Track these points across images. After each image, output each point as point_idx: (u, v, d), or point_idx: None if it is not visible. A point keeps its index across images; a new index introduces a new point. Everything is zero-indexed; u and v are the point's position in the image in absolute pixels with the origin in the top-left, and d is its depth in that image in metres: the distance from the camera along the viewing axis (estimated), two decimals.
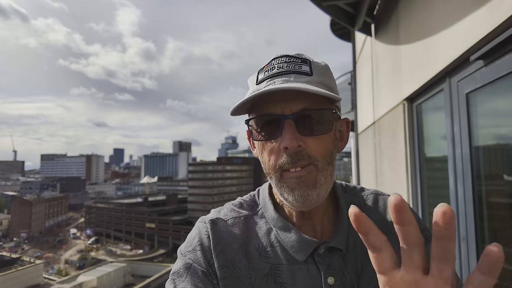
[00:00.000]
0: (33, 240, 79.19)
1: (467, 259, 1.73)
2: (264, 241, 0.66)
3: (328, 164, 0.60)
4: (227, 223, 0.68)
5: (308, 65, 0.61)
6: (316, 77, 0.60)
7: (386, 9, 3.21)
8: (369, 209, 0.73)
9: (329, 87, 0.61)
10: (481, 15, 1.43)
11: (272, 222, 0.67)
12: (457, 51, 1.66)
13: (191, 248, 0.65)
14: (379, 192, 0.77)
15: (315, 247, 0.63)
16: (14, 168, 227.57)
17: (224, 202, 0.76)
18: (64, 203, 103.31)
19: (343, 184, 0.78)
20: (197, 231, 0.67)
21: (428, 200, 2.51)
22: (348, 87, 7.88)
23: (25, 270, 36.76)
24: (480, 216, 1.67)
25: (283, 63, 0.61)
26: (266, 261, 0.63)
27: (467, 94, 1.71)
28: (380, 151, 3.75)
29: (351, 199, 0.74)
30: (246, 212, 0.71)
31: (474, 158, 1.70)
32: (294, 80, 0.58)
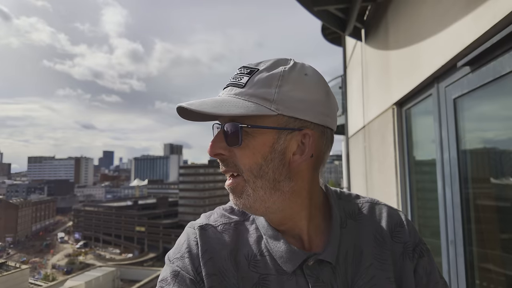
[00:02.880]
0: (19, 245, 77.45)
1: (455, 263, 1.75)
2: (254, 249, 0.64)
3: (255, 177, 0.59)
4: (217, 230, 0.66)
5: (250, 75, 0.60)
6: (247, 89, 0.59)
7: (375, 15, 3.26)
8: (364, 218, 0.71)
9: (264, 99, 0.58)
10: (467, 23, 1.46)
11: (262, 229, 0.66)
12: (445, 57, 1.69)
13: (179, 255, 0.64)
14: (375, 200, 0.75)
15: (304, 258, 0.61)
16: (0, 170, 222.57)
17: (216, 206, 0.75)
18: (52, 207, 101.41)
19: (337, 191, 0.76)
20: (185, 237, 0.66)
21: (417, 203, 2.54)
22: (339, 91, 7.96)
23: (11, 275, 35.86)
24: (468, 219, 1.70)
25: (236, 74, 0.63)
26: (255, 270, 0.62)
27: (455, 99, 1.74)
28: (370, 155, 3.78)
29: (345, 207, 0.72)
30: (237, 217, 0.69)
31: (462, 162, 1.73)
32: (227, 93, 0.61)
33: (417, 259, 0.68)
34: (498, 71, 1.33)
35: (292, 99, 0.59)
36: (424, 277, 0.67)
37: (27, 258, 63.44)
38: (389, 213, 0.72)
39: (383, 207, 0.73)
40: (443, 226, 1.89)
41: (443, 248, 1.89)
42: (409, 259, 0.67)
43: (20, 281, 36.31)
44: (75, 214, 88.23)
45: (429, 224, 2.38)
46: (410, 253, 0.68)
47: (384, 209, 0.73)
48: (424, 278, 0.67)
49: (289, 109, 0.58)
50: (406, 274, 0.66)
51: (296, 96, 0.59)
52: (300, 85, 0.60)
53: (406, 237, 0.69)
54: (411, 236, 0.70)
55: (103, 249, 72.45)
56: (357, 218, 0.71)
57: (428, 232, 2.40)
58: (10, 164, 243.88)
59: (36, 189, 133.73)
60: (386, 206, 0.74)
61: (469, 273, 1.67)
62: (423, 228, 2.48)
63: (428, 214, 2.41)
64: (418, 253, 0.68)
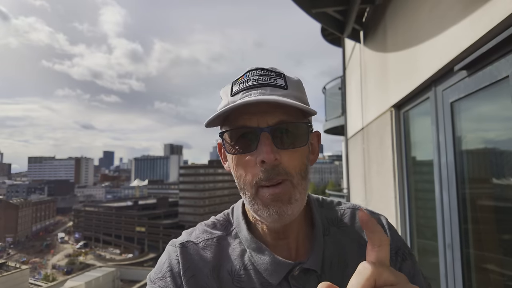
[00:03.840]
0: (19, 245, 77.47)
1: (452, 266, 1.75)
2: (237, 264, 0.63)
3: (302, 178, 0.59)
4: (198, 246, 0.65)
5: (283, 78, 0.61)
6: (291, 91, 0.60)
7: (374, 17, 3.26)
8: (346, 224, 0.71)
9: (303, 102, 0.61)
10: (464, 27, 1.46)
11: (245, 243, 0.65)
12: (442, 61, 1.69)
13: (161, 275, 0.63)
14: (356, 206, 0.75)
15: (289, 269, 0.61)
16: (0, 171, 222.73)
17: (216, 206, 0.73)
18: (52, 207, 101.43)
19: (319, 199, 0.77)
20: (167, 256, 0.65)
21: (415, 205, 2.54)
22: (338, 92, 7.96)
23: (11, 275, 35.86)
24: (465, 223, 1.69)
25: (258, 76, 0.60)
26: (239, 285, 0.61)
27: (452, 103, 1.74)
28: (369, 157, 3.78)
29: (327, 215, 0.72)
30: (220, 232, 0.68)
31: (459, 165, 1.73)
32: (270, 93, 0.58)
33: (400, 263, 0.68)
34: (494, 76, 1.33)
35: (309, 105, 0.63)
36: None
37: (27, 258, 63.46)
38: None
39: None
40: (440, 230, 1.89)
41: (440, 251, 1.89)
42: (392, 263, 0.66)
43: (20, 281, 36.31)
44: (75, 214, 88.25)
45: (427, 227, 2.37)
46: (393, 256, 0.68)
47: None
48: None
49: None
50: None
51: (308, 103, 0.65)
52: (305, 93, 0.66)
53: None
54: (393, 240, 0.70)
55: (103, 249, 72.45)
56: (340, 225, 0.71)
57: (426, 235, 2.40)
58: (10, 164, 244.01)
59: (36, 189, 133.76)
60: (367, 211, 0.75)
61: (466, 276, 1.67)
62: (421, 230, 2.47)
63: (426, 216, 2.40)
64: (400, 256, 0.69)
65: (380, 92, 3.11)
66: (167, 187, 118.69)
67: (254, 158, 0.57)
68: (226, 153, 0.64)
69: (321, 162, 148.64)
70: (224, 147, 0.62)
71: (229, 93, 0.61)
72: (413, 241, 2.53)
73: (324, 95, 9.23)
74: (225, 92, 0.63)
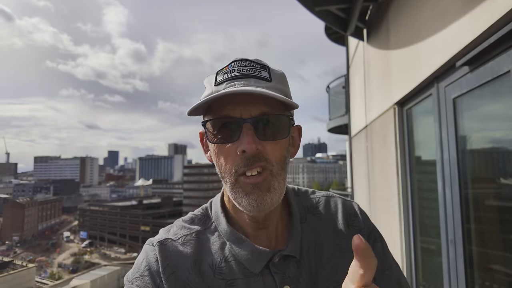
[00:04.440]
0: (25, 244, 78.23)
1: (455, 262, 1.76)
2: (218, 256, 0.64)
3: (282, 169, 0.60)
4: (177, 242, 0.65)
5: (267, 71, 0.61)
6: (274, 83, 0.61)
7: (377, 15, 3.26)
8: (321, 212, 0.74)
9: (285, 95, 0.62)
10: (464, 24, 1.47)
11: (225, 236, 0.66)
12: (444, 57, 1.70)
13: (138, 274, 0.62)
14: (330, 194, 0.79)
15: (269, 257, 0.62)
16: (6, 170, 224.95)
17: None
18: (58, 206, 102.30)
19: (295, 189, 0.79)
20: (144, 255, 0.64)
21: (418, 202, 2.54)
22: (342, 90, 7.95)
23: (17, 274, 36.29)
24: (467, 219, 1.70)
25: (242, 67, 0.61)
26: (221, 277, 0.62)
27: (454, 99, 1.75)
28: (372, 155, 3.78)
29: (303, 203, 0.75)
30: (198, 227, 0.68)
31: (461, 162, 1.74)
32: (254, 84, 0.58)
33: (372, 244, 0.72)
34: (495, 71, 1.34)
35: (291, 99, 0.65)
36: (379, 260, 0.69)
37: (33, 257, 64.08)
38: (343, 205, 0.76)
39: (338, 200, 0.77)
40: (443, 226, 1.89)
41: (443, 247, 1.89)
42: None
43: (27, 280, 36.73)
44: (81, 214, 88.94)
45: (430, 224, 2.38)
46: (366, 239, 0.70)
47: (339, 201, 0.77)
48: (379, 261, 0.69)
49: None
50: None
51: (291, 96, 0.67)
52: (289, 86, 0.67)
53: (360, 225, 0.73)
54: (365, 223, 0.74)
55: (108, 248, 72.96)
56: (315, 212, 0.74)
57: (429, 232, 2.40)
58: (17, 164, 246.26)
59: (42, 189, 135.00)
60: (340, 198, 0.78)
61: (468, 272, 1.67)
62: (424, 227, 2.48)
63: (429, 213, 2.41)
64: (372, 239, 0.73)
65: (383, 89, 3.11)
66: (171, 186, 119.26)
67: (235, 147, 0.58)
68: (208, 142, 0.64)
69: (325, 161, 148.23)
70: (206, 136, 0.62)
71: (213, 83, 0.61)
72: (416, 238, 2.54)
73: (328, 94, 9.23)
74: (209, 82, 0.63)
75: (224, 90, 0.58)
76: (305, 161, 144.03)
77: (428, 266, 2.43)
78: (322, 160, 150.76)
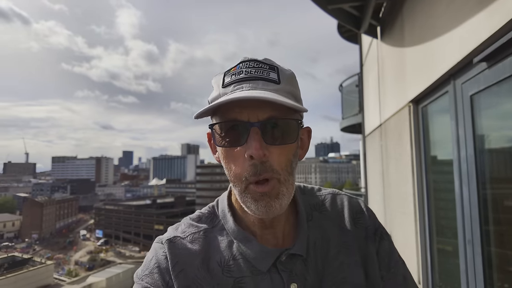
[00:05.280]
0: (44, 241, 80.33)
1: (472, 262, 1.72)
2: (226, 254, 0.64)
3: (289, 174, 0.60)
4: (186, 240, 0.66)
5: (276, 72, 0.60)
6: (283, 85, 0.59)
7: (391, 12, 3.22)
8: (327, 209, 0.74)
9: (294, 96, 0.62)
10: (482, 19, 1.44)
11: (232, 234, 0.66)
12: (460, 54, 1.67)
13: (148, 272, 0.62)
14: (336, 191, 0.79)
15: (276, 256, 0.63)
16: (26, 170, 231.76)
17: None
18: (74, 205, 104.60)
19: (301, 186, 0.79)
20: (153, 253, 0.65)
21: (434, 202, 2.50)
22: (355, 89, 7.87)
23: (37, 270, 37.28)
24: (485, 219, 1.67)
25: (251, 68, 0.59)
26: (230, 275, 0.62)
27: (471, 96, 1.71)
28: (387, 153, 3.74)
29: (309, 201, 0.75)
30: (205, 225, 0.69)
31: (479, 160, 1.70)
32: (262, 88, 0.57)
33: (379, 242, 0.72)
34: None
35: (301, 100, 0.65)
36: (385, 258, 0.71)
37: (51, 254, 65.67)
38: (349, 202, 0.76)
39: (344, 197, 0.77)
40: (460, 225, 1.86)
41: (460, 247, 1.86)
42: (371, 242, 0.71)
43: (46, 276, 37.70)
44: (96, 213, 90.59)
45: (446, 223, 2.34)
46: (372, 236, 0.72)
47: (345, 198, 0.77)
48: (386, 259, 0.71)
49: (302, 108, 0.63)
50: (370, 256, 0.70)
51: (301, 97, 0.65)
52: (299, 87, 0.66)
53: (366, 222, 0.73)
54: (371, 221, 0.74)
55: (123, 246, 74.13)
56: (321, 209, 0.74)
57: (445, 231, 2.36)
58: (35, 164, 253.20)
59: (60, 188, 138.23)
60: (346, 196, 0.78)
61: (487, 273, 1.64)
62: (440, 227, 2.44)
63: (445, 213, 2.37)
64: (379, 236, 0.73)
65: (398, 87, 3.08)
66: (184, 186, 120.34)
67: (243, 151, 0.57)
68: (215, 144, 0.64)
69: (338, 161, 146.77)
70: (214, 139, 0.62)
71: (220, 84, 0.61)
72: (432, 238, 2.50)
73: (341, 93, 9.14)
74: (217, 82, 0.62)
75: (231, 93, 0.57)
76: (318, 161, 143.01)
77: (444, 267, 2.39)
78: (335, 160, 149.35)
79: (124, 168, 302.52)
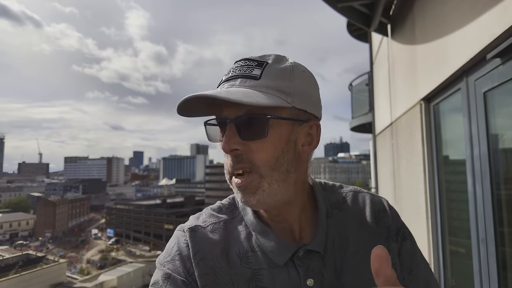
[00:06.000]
0: (57, 240, 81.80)
1: (486, 262, 1.69)
2: (245, 245, 0.65)
3: (272, 169, 0.59)
4: (206, 230, 0.67)
5: (262, 68, 0.61)
6: (263, 81, 0.59)
7: (401, 9, 3.18)
8: (348, 207, 0.73)
9: (280, 91, 0.60)
10: (496, 14, 1.41)
11: (251, 226, 0.67)
12: (473, 50, 1.64)
13: (170, 258, 0.64)
14: (358, 189, 0.78)
15: (294, 250, 0.63)
16: (39, 170, 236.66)
17: None
18: (86, 204, 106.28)
19: (322, 183, 0.79)
20: (175, 240, 0.67)
21: (447, 201, 2.46)
22: (365, 88, 7.79)
23: (50, 268, 38.04)
24: (500, 218, 1.63)
25: (238, 67, 0.62)
26: (248, 266, 0.63)
27: (485, 93, 1.68)
28: (397, 153, 3.70)
29: (330, 198, 0.74)
30: (225, 216, 0.70)
31: (493, 158, 1.67)
32: (238, 85, 0.59)
33: (401, 242, 0.71)
34: None
35: (302, 93, 0.62)
36: (407, 259, 0.70)
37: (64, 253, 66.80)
38: (372, 200, 0.74)
39: (366, 195, 0.76)
40: (473, 225, 1.83)
41: (473, 247, 1.83)
42: (393, 242, 0.69)
43: (59, 274, 38.42)
44: (108, 212, 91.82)
45: (459, 224, 2.30)
46: (394, 236, 0.70)
47: (367, 196, 0.75)
48: (408, 260, 0.70)
49: (301, 102, 0.61)
50: (391, 256, 0.66)
51: (305, 90, 0.63)
52: (304, 80, 0.64)
53: (389, 221, 0.72)
54: (394, 220, 0.72)
55: (134, 246, 74.93)
56: (342, 207, 0.73)
57: (458, 231, 2.32)
58: (49, 164, 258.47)
59: (72, 188, 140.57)
60: (369, 194, 0.76)
61: (501, 273, 1.61)
62: (452, 227, 2.40)
63: (458, 213, 2.33)
64: (401, 236, 0.71)
65: (409, 85, 3.04)
66: (193, 186, 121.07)
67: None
68: None
69: (348, 161, 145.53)
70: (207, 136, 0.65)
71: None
72: (445, 239, 2.46)
73: (351, 92, 9.06)
74: None
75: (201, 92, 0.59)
76: (327, 161, 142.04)
77: (457, 268, 2.35)
78: (344, 160, 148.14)
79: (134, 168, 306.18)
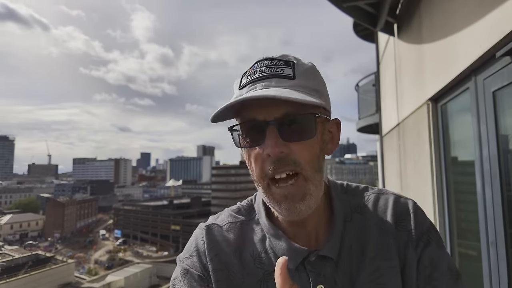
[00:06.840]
0: (65, 240, 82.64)
1: (496, 265, 1.66)
2: (259, 247, 0.66)
3: (316, 171, 0.59)
4: (222, 229, 0.69)
5: (292, 67, 0.60)
6: (299, 80, 0.58)
7: (408, 8, 3.15)
8: (367, 211, 0.69)
9: (314, 90, 0.60)
10: (505, 11, 1.38)
11: (265, 229, 0.67)
12: (482, 48, 1.61)
13: (188, 254, 0.67)
14: (382, 191, 0.73)
15: (304, 255, 0.62)
16: (48, 171, 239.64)
17: None
18: (94, 205, 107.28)
19: (344, 185, 0.75)
20: (194, 238, 0.70)
21: (455, 202, 2.42)
22: (372, 88, 7.73)
23: (59, 268, 38.50)
24: (510, 220, 1.60)
25: (265, 67, 0.60)
26: (260, 267, 0.64)
27: (494, 92, 1.65)
28: (405, 153, 3.65)
29: (351, 200, 0.71)
30: (243, 217, 0.71)
31: (503, 159, 1.63)
32: (275, 85, 0.57)
33: (422, 248, 0.64)
34: None
35: (324, 91, 0.63)
36: (428, 268, 0.62)
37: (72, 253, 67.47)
38: (395, 202, 0.69)
39: (389, 197, 0.71)
40: (483, 227, 1.79)
41: (483, 250, 1.79)
42: (412, 248, 0.64)
43: (67, 274, 38.87)
44: (115, 213, 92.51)
45: (467, 226, 2.26)
46: (414, 241, 0.64)
47: (391, 198, 0.70)
48: (428, 269, 0.62)
49: (325, 99, 0.62)
50: (409, 263, 0.63)
51: (324, 88, 0.64)
52: (321, 78, 0.65)
53: (410, 225, 0.66)
54: (417, 224, 0.66)
55: (141, 246, 75.31)
56: (363, 211, 0.69)
57: (467, 233, 2.28)
58: (57, 165, 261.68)
59: (80, 189, 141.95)
60: (393, 195, 0.71)
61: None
62: (461, 229, 2.35)
63: (466, 215, 2.28)
64: (424, 241, 0.64)
65: (416, 85, 3.00)
66: (200, 187, 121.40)
67: (262, 151, 0.57)
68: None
69: (355, 162, 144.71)
70: (234, 141, 0.63)
71: (238, 86, 0.62)
72: (453, 241, 2.42)
73: (357, 92, 8.99)
74: (236, 85, 0.64)
75: (246, 94, 0.57)
76: (334, 162, 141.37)
77: (466, 270, 2.30)
78: (351, 161, 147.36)
79: (142, 169, 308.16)
